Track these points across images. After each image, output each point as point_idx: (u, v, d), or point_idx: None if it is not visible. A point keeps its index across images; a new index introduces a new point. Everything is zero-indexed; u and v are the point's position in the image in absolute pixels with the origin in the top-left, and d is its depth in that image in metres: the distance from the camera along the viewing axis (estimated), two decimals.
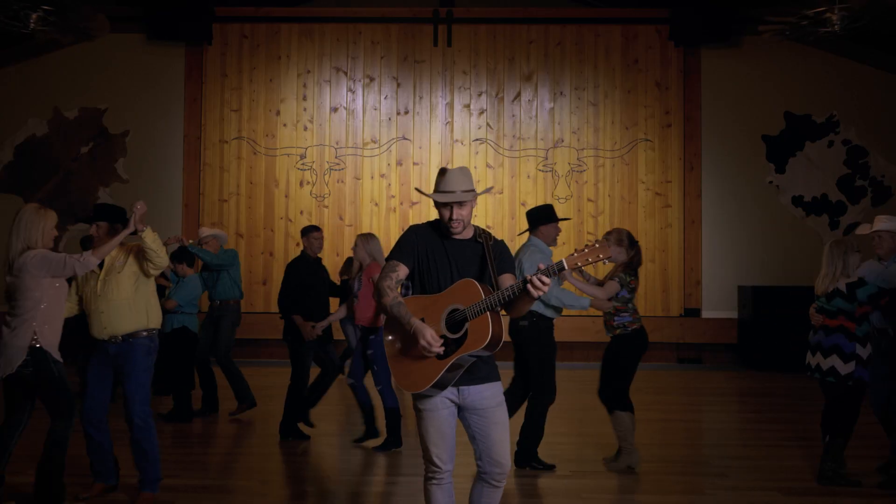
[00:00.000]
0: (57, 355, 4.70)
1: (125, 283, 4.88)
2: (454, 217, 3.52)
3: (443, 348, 3.33)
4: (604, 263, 3.35)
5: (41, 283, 4.62)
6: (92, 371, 4.99)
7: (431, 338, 3.31)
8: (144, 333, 4.91)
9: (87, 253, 4.69)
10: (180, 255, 7.47)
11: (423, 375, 3.40)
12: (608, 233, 5.90)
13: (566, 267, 3.21)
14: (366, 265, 6.57)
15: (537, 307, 5.67)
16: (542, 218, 5.88)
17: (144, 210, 4.66)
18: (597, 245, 3.20)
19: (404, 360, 3.49)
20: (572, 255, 3.24)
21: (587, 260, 3.18)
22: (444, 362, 3.36)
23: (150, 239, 4.74)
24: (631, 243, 5.72)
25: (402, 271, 3.54)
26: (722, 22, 11.40)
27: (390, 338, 3.56)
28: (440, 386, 3.42)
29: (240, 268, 8.04)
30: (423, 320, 3.39)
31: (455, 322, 3.38)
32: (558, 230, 5.92)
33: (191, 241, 7.84)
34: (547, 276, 3.21)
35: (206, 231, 8.18)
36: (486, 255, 3.54)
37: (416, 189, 4.20)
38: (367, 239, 6.67)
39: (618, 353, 5.78)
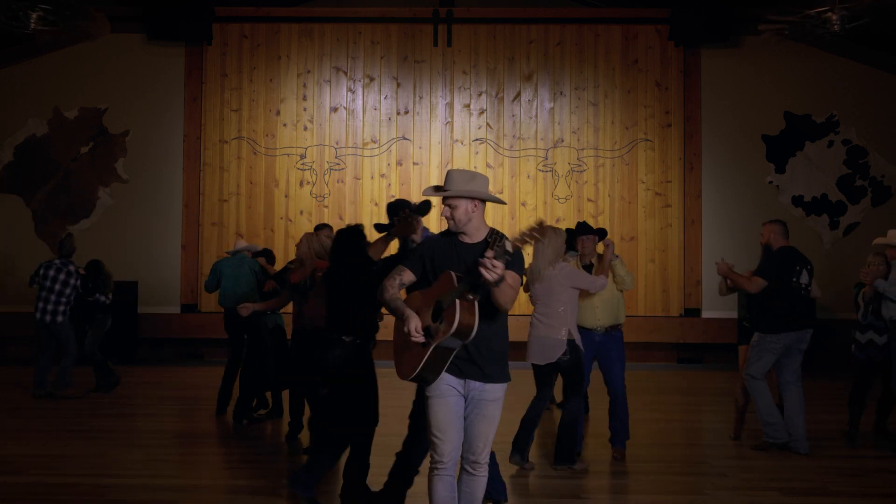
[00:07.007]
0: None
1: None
2: (446, 215, 3.69)
3: (422, 336, 3.51)
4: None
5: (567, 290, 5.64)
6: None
7: (414, 328, 3.49)
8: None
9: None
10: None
11: (410, 364, 3.60)
12: None
13: (510, 248, 3.41)
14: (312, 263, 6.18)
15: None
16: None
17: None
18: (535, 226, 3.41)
19: (402, 351, 3.68)
20: (515, 237, 3.44)
21: (524, 239, 3.42)
22: (424, 350, 3.53)
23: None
24: None
25: (407, 276, 3.72)
26: (722, 22, 11.40)
27: (396, 332, 3.73)
28: (428, 372, 3.55)
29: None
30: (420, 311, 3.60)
31: (437, 312, 3.54)
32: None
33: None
34: (497, 258, 3.35)
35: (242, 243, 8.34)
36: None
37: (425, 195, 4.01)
38: (312, 237, 6.37)
39: None
